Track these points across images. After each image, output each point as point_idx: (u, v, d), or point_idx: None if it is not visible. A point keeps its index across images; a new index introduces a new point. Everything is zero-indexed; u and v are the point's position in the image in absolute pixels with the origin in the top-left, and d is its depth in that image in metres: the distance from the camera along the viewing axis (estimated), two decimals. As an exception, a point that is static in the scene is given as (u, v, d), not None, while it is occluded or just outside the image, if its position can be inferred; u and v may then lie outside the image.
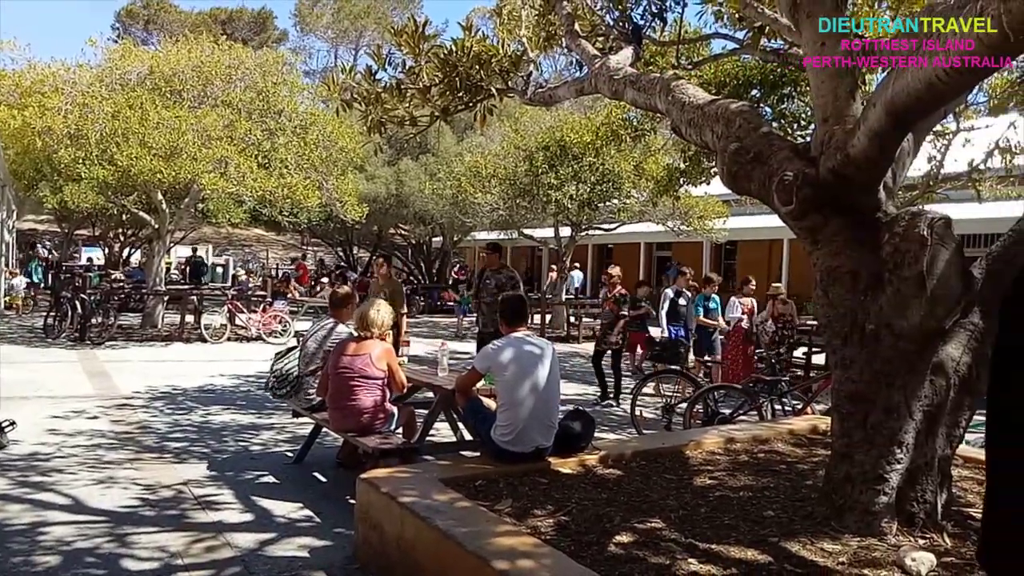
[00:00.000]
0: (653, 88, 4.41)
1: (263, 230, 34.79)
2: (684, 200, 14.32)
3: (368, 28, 47.73)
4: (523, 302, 4.43)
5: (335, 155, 14.40)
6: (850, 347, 3.33)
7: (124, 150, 11.34)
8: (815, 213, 3.33)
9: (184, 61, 13.09)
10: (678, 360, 7.45)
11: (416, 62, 5.93)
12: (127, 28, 43.76)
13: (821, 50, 3.32)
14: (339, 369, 4.60)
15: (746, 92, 8.26)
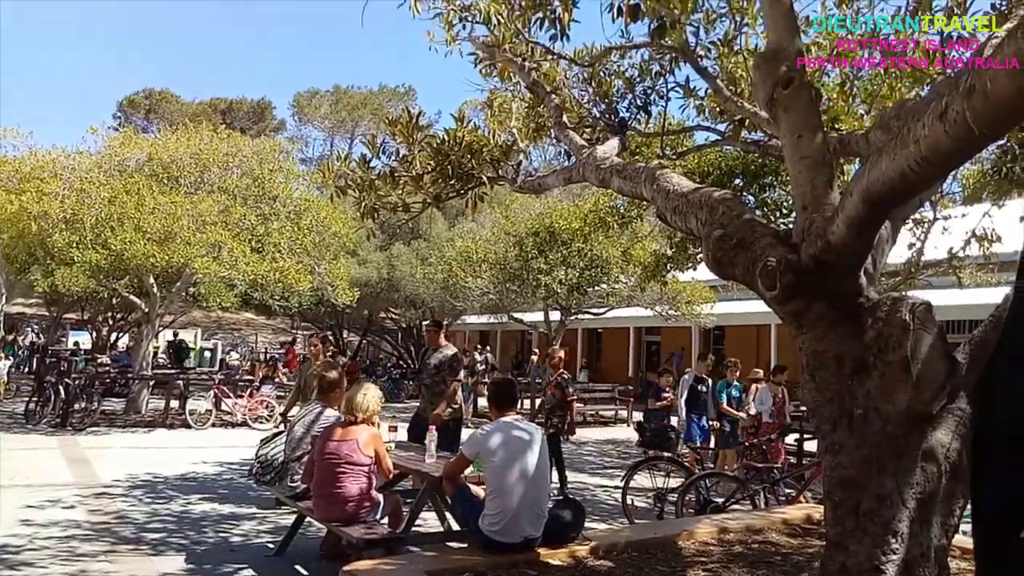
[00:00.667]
0: (639, 177, 4.55)
1: (253, 314, 34.75)
2: (672, 285, 14.49)
3: (364, 119, 49.34)
4: (512, 386, 4.41)
5: (328, 240, 14.60)
6: (839, 432, 3.31)
7: (119, 234, 11.47)
8: (799, 298, 3.38)
9: (183, 148, 13.43)
10: (669, 446, 7.36)
11: (410, 151, 6.11)
12: (128, 117, 45.06)
13: (798, 142, 3.44)
14: (325, 455, 4.51)
15: (729, 181, 8.53)
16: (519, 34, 5.87)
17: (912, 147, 2.53)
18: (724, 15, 5.86)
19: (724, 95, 5.64)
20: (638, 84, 6.73)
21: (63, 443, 10.55)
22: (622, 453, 11.38)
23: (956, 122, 2.30)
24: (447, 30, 6.08)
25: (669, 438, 7.59)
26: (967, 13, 4.91)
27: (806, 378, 3.31)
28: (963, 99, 2.25)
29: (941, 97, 2.41)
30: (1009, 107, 2.12)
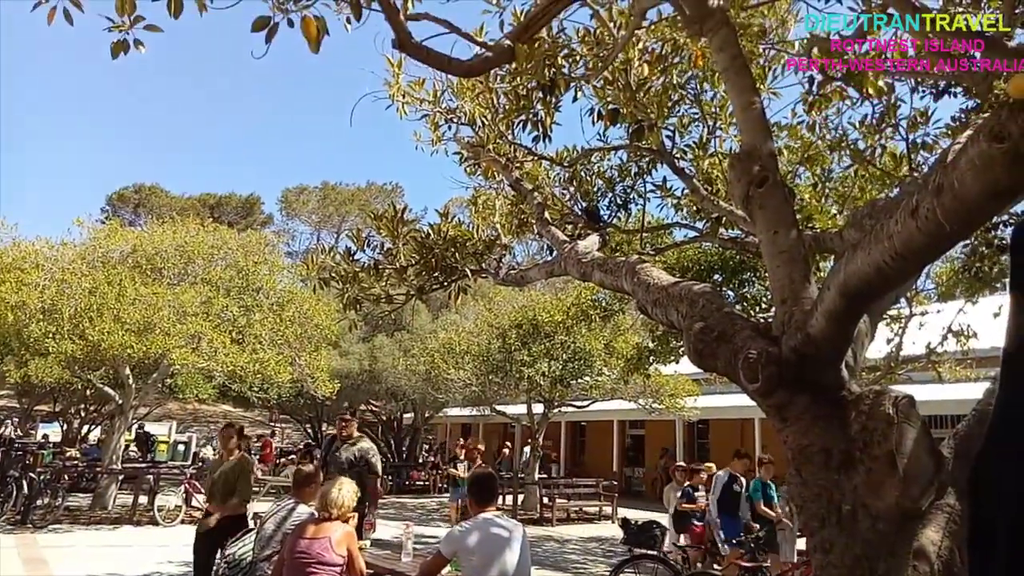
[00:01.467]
0: (619, 271, 4.62)
1: (231, 406, 33.99)
2: (655, 378, 14.47)
3: (351, 214, 50.22)
4: (494, 479, 4.29)
5: (310, 331, 14.53)
6: (828, 529, 3.24)
7: (97, 325, 11.35)
8: (781, 390, 3.38)
9: (168, 241, 13.51)
10: (653, 544, 7.12)
11: (394, 244, 6.20)
12: (117, 211, 45.50)
13: (774, 237, 3.53)
14: (296, 554, 4.30)
15: (708, 276, 8.70)
16: (503, 135, 6.11)
17: (886, 242, 2.61)
18: (697, 120, 6.15)
19: (701, 194, 5.84)
20: (617, 183, 6.97)
21: (21, 541, 10.02)
22: (607, 551, 10.99)
23: (927, 219, 2.39)
24: (433, 131, 6.32)
25: (655, 536, 7.35)
26: (929, 122, 5.20)
27: (792, 472, 3.26)
28: (933, 197, 2.34)
29: (912, 195, 2.52)
30: (976, 205, 2.21)
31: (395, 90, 5.94)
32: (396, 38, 3.38)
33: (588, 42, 5.40)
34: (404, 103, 6.07)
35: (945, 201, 2.30)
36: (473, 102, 6.11)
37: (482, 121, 6.15)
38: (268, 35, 3.40)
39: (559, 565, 9.81)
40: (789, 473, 3.32)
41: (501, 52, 3.66)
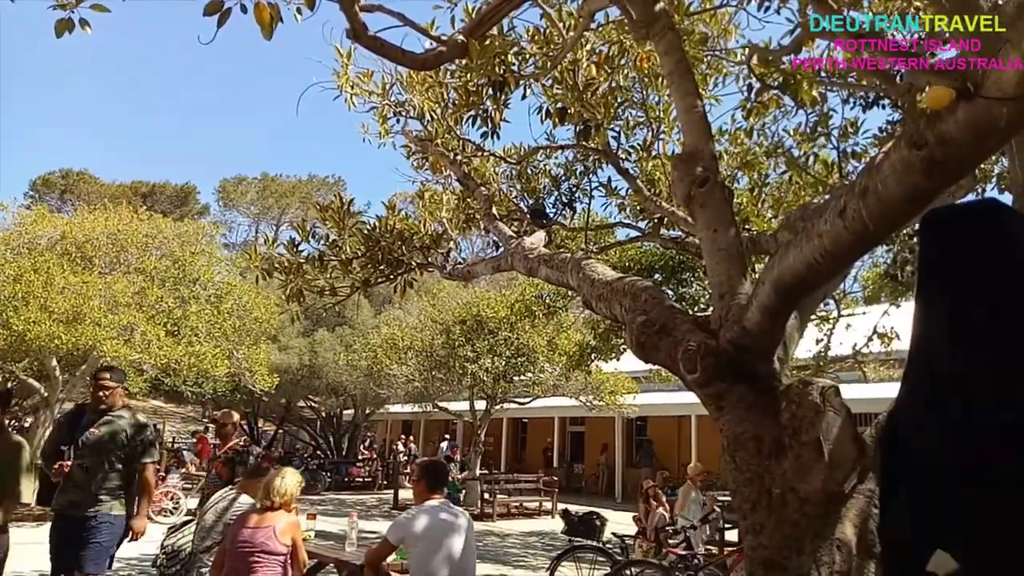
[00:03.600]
0: (565, 266, 4.73)
1: (162, 401, 32.89)
2: (595, 375, 14.72)
3: (292, 206, 49.21)
4: (445, 467, 4.35)
5: (249, 325, 14.24)
6: (759, 512, 3.41)
7: (22, 314, 10.86)
8: (718, 381, 3.54)
9: (99, 228, 13.02)
10: (594, 534, 7.29)
11: (340, 236, 6.17)
12: (42, 196, 43.40)
13: (714, 235, 3.69)
14: (238, 543, 4.26)
15: (649, 275, 8.94)
16: (451, 130, 6.15)
17: (816, 241, 2.79)
18: (642, 123, 6.32)
19: (644, 195, 6.01)
20: (563, 182, 7.09)
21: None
22: (547, 545, 11.16)
23: (854, 219, 2.56)
24: (381, 124, 6.30)
25: (595, 526, 7.52)
26: (859, 133, 5.50)
27: (727, 459, 3.43)
28: (859, 199, 2.52)
29: (840, 197, 2.70)
30: (898, 207, 2.39)
31: (344, 81, 5.90)
32: (351, 28, 3.40)
33: (538, 41, 5.49)
34: (352, 94, 6.04)
35: (870, 203, 2.48)
36: (423, 96, 6.12)
37: (431, 115, 6.17)
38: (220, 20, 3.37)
39: (500, 558, 9.91)
40: (723, 459, 3.49)
41: (454, 47, 3.71)
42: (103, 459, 4.66)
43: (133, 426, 4.84)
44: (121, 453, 4.72)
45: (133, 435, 4.81)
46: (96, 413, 4.82)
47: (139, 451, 4.80)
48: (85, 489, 4.61)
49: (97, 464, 4.64)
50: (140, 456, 4.79)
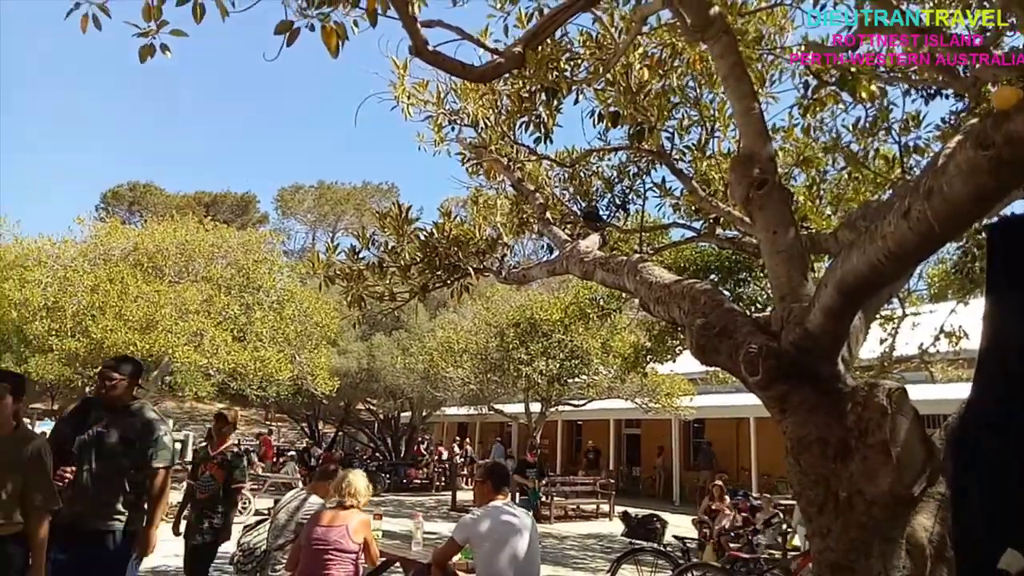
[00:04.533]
0: (621, 269, 4.76)
1: (228, 404, 34.04)
2: (651, 377, 14.62)
3: (347, 213, 50.25)
4: (505, 468, 4.43)
5: (309, 330, 14.65)
6: (825, 516, 3.39)
7: (100, 322, 11.44)
8: (781, 383, 3.53)
9: (168, 239, 13.61)
10: (654, 536, 7.26)
11: (399, 242, 6.33)
12: (112, 209, 45.39)
13: (773, 237, 3.68)
14: (312, 541, 4.43)
15: (705, 276, 8.84)
16: (505, 136, 6.23)
17: (880, 242, 2.77)
18: (697, 122, 6.29)
19: (699, 195, 5.98)
20: (617, 184, 7.09)
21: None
22: (605, 547, 11.14)
23: (918, 220, 2.54)
24: (436, 132, 6.43)
25: (655, 528, 7.50)
26: (920, 126, 5.36)
27: (790, 461, 3.42)
28: (924, 200, 2.50)
29: (904, 198, 2.68)
30: (964, 208, 2.37)
31: (400, 91, 6.05)
32: (413, 45, 3.52)
33: (590, 46, 5.53)
34: (409, 104, 6.19)
35: (935, 204, 2.46)
36: (476, 104, 6.23)
37: (485, 122, 6.26)
38: (289, 39, 3.54)
39: (559, 560, 9.96)
40: (787, 462, 3.48)
41: (511, 58, 3.80)
42: (112, 463, 3.95)
43: (144, 424, 4.10)
44: (131, 456, 4.00)
45: (143, 434, 4.07)
46: (104, 410, 4.10)
47: (149, 454, 4.06)
48: (93, 500, 3.91)
49: (107, 469, 3.94)
50: (151, 460, 4.06)
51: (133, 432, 4.06)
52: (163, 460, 4.13)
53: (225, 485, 5.77)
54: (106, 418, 4.05)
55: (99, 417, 4.06)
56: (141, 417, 4.14)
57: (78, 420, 4.08)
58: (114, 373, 4.10)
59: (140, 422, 4.11)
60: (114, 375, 4.10)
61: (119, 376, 4.11)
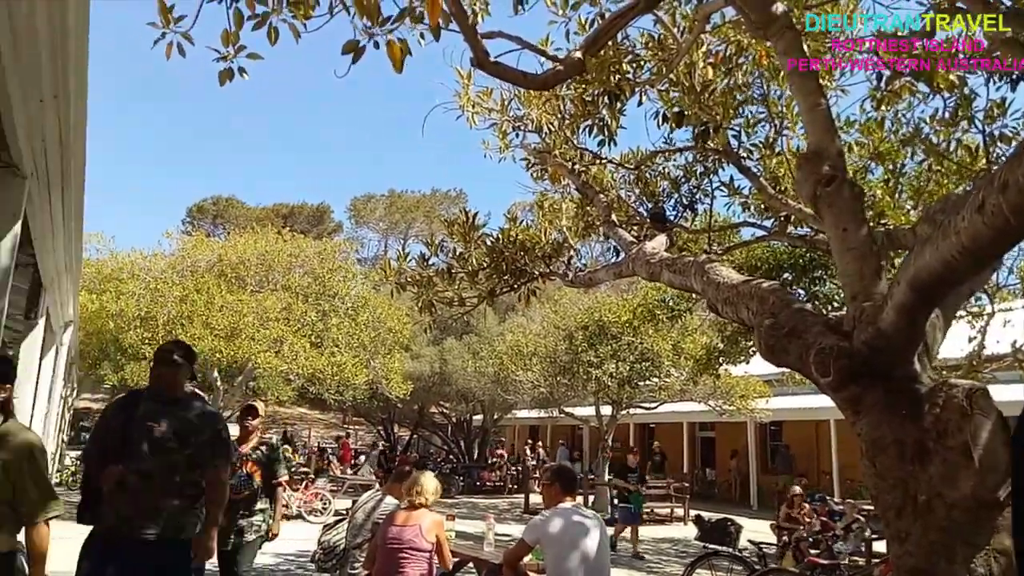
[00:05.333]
0: (689, 270, 4.73)
1: (307, 408, 35.21)
2: (724, 379, 14.34)
3: (417, 220, 51.25)
4: (573, 471, 4.47)
5: (383, 335, 15.05)
6: (904, 519, 3.30)
7: (189, 330, 12.08)
8: (854, 384, 3.46)
9: (250, 250, 14.24)
10: (728, 541, 7.14)
11: (466, 249, 6.46)
12: (196, 222, 47.71)
13: (844, 235, 3.61)
14: (388, 540, 4.57)
15: (778, 275, 8.63)
16: (568, 140, 6.27)
17: (954, 238, 2.69)
18: (764, 120, 6.17)
19: (768, 193, 5.87)
20: (683, 184, 7.02)
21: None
22: (680, 551, 10.99)
23: (993, 214, 2.46)
24: (501, 139, 6.53)
25: (730, 532, 7.36)
26: (1006, 114, 5.11)
27: (866, 464, 3.33)
28: (998, 193, 2.42)
29: (978, 192, 2.60)
30: (1041, 201, 2.28)
31: (465, 100, 6.18)
32: (474, 57, 3.62)
33: (652, 47, 5.51)
34: (474, 113, 6.30)
35: (1010, 197, 2.38)
36: (540, 109, 6.29)
37: (548, 128, 6.32)
38: (355, 57, 3.70)
39: (633, 565, 9.89)
40: (863, 464, 3.39)
41: (571, 65, 3.85)
42: (165, 462, 3.47)
43: (199, 417, 3.64)
44: (186, 453, 3.51)
45: (199, 429, 3.59)
46: (155, 402, 3.61)
47: (206, 452, 3.59)
48: (143, 503, 3.41)
49: (159, 469, 3.45)
50: (209, 459, 3.60)
51: (188, 426, 3.56)
52: (222, 457, 3.69)
53: (265, 482, 5.48)
54: (157, 411, 3.53)
55: (150, 410, 3.54)
56: (196, 409, 3.67)
57: (126, 414, 3.55)
58: (175, 356, 3.63)
59: (195, 415, 3.63)
60: (175, 358, 3.63)
61: (180, 360, 3.64)
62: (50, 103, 3.18)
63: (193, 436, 3.56)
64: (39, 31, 2.67)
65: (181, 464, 3.52)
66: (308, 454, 24.28)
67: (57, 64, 2.93)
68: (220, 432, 3.71)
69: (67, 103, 3.27)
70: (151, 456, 3.45)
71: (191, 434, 3.56)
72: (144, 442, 3.46)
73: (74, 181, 4.15)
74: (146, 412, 3.54)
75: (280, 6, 3.88)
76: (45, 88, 3.07)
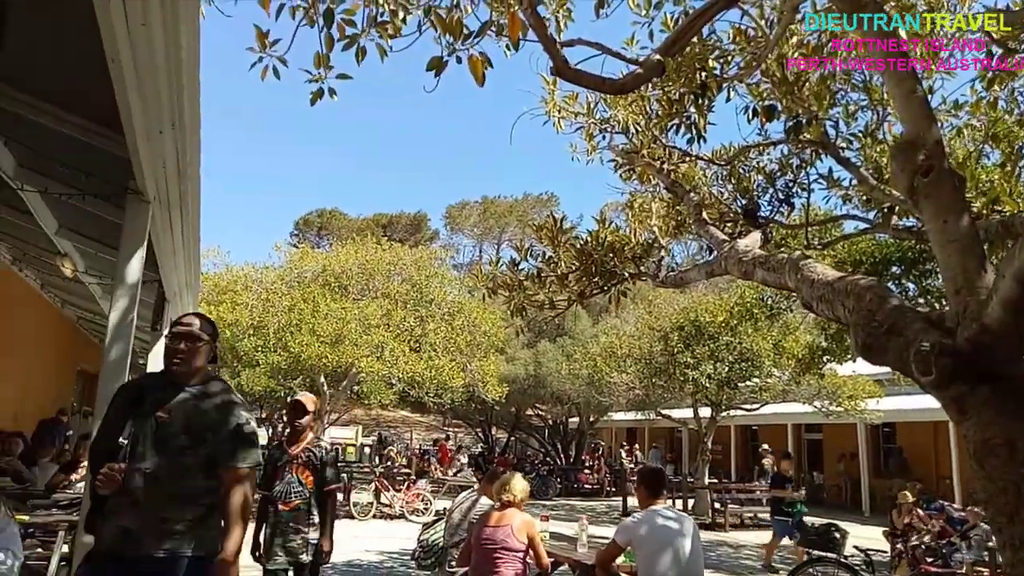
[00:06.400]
0: (782, 268, 4.62)
1: (408, 411, 36.30)
2: (830, 379, 13.73)
3: (510, 225, 51.88)
4: (662, 473, 4.45)
5: (479, 339, 15.36)
6: (1017, 525, 3.13)
7: (297, 338, 12.77)
8: (958, 383, 3.30)
9: (351, 260, 14.90)
10: (833, 547, 6.85)
11: (555, 252, 6.54)
12: (303, 234, 50.17)
13: (944, 227, 3.46)
14: (482, 540, 4.70)
15: (885, 269, 8.23)
16: (656, 140, 6.24)
17: (1063, 226, 2.53)
18: (865, 107, 5.92)
19: (870, 184, 5.64)
20: (778, 178, 6.82)
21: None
22: (784, 558, 10.60)
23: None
24: (588, 141, 6.57)
25: (834, 539, 7.06)
26: None
27: (974, 467, 3.17)
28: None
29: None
30: None
31: (551, 106, 6.27)
32: (554, 66, 3.70)
33: (740, 41, 5.41)
34: (560, 118, 6.38)
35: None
36: (626, 111, 6.28)
37: (635, 128, 6.30)
38: (437, 72, 3.86)
39: (735, 570, 9.66)
40: (971, 467, 3.23)
41: (651, 67, 3.85)
42: (177, 462, 2.79)
43: (220, 408, 2.91)
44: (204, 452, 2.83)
45: (219, 423, 2.88)
46: (168, 389, 2.89)
47: (228, 449, 2.86)
48: (149, 511, 2.73)
49: (169, 470, 2.77)
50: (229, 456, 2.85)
51: (206, 419, 2.86)
52: (248, 458, 2.89)
53: (317, 489, 4.73)
54: (170, 400, 2.84)
55: (160, 399, 2.85)
56: (216, 398, 2.92)
57: (131, 402, 2.89)
58: (196, 330, 2.92)
59: (215, 405, 2.90)
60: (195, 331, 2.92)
61: (201, 334, 2.93)
62: (168, 133, 3.50)
63: (211, 432, 2.85)
64: (158, 67, 2.96)
65: (196, 466, 2.81)
66: (409, 456, 25.04)
67: (173, 96, 3.23)
68: (243, 427, 2.90)
69: (183, 132, 3.59)
70: (159, 455, 2.76)
71: (207, 429, 2.84)
72: (151, 438, 2.77)
73: (191, 203, 4.52)
74: (156, 401, 2.84)
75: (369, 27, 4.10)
76: (164, 119, 3.39)
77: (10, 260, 7.54)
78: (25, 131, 4.27)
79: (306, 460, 4.77)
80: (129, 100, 3.13)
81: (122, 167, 3.98)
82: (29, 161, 4.68)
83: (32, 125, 4.10)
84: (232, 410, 2.94)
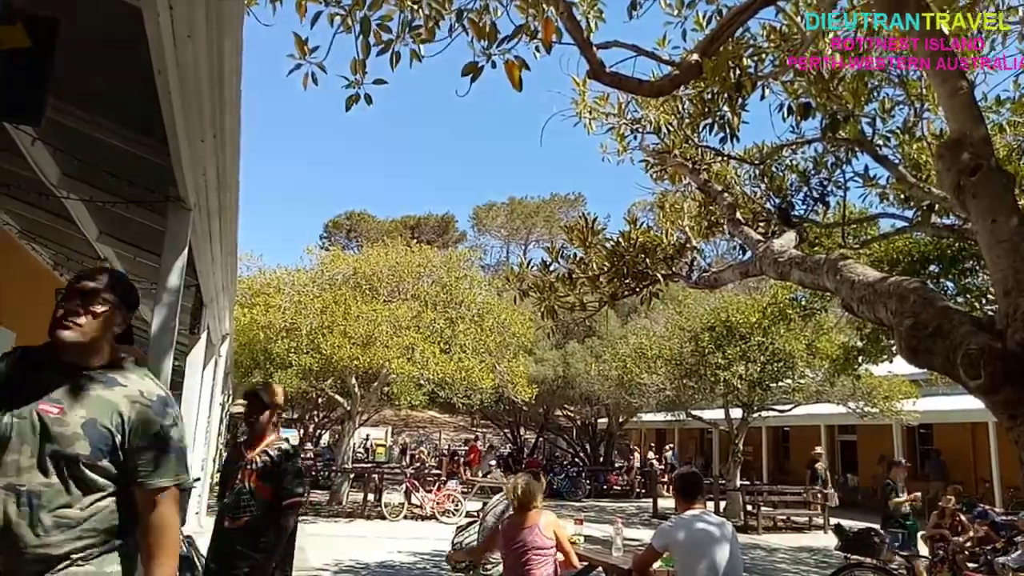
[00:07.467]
0: (820, 268, 4.55)
1: (438, 412, 36.48)
2: (865, 380, 13.50)
3: (537, 226, 51.84)
4: (699, 477, 4.40)
5: (508, 340, 15.37)
6: (1073, 533, 3.04)
7: (328, 340, 12.90)
8: (1008, 387, 3.23)
9: (381, 262, 15.01)
10: (872, 552, 6.72)
11: (586, 253, 6.51)
12: (332, 237, 50.64)
13: (993, 227, 3.38)
14: (514, 544, 4.67)
15: (923, 268, 8.07)
16: (688, 139, 6.19)
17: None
18: (902, 103, 5.82)
19: (908, 182, 5.54)
20: (813, 176, 6.73)
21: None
22: (819, 562, 10.46)
23: None
24: (619, 141, 6.54)
25: (873, 543, 6.93)
26: None
27: (1026, 473, 3.10)
28: None
29: None
30: None
31: (582, 107, 6.24)
32: (590, 68, 3.68)
33: (774, 39, 5.34)
34: (591, 119, 6.36)
35: None
36: (658, 110, 6.24)
37: (667, 128, 6.26)
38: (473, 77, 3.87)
39: (768, 574, 9.54)
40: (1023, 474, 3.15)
41: (688, 69, 3.82)
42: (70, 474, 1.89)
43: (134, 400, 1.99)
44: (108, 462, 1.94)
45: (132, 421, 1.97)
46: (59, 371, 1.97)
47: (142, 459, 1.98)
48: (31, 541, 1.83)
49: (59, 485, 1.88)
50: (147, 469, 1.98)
51: (113, 414, 1.96)
52: (167, 472, 2.01)
53: (274, 502, 3.68)
54: (62, 387, 1.95)
55: (43, 386, 1.95)
56: (131, 388, 2.01)
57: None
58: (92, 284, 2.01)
59: (127, 397, 1.99)
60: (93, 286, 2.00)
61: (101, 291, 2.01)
62: (209, 142, 3.56)
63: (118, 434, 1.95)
64: (201, 78, 3.01)
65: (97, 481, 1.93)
66: (439, 456, 25.15)
67: (215, 105, 3.29)
68: (166, 428, 2.02)
69: (223, 141, 3.64)
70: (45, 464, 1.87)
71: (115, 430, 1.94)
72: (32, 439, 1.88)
73: (230, 211, 4.59)
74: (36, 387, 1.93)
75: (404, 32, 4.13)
76: (205, 128, 3.45)
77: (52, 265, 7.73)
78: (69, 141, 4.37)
79: (261, 466, 3.71)
80: (173, 110, 3.19)
81: (163, 175, 4.06)
82: (74, 170, 4.79)
83: (77, 135, 4.20)
84: (152, 402, 2.01)
